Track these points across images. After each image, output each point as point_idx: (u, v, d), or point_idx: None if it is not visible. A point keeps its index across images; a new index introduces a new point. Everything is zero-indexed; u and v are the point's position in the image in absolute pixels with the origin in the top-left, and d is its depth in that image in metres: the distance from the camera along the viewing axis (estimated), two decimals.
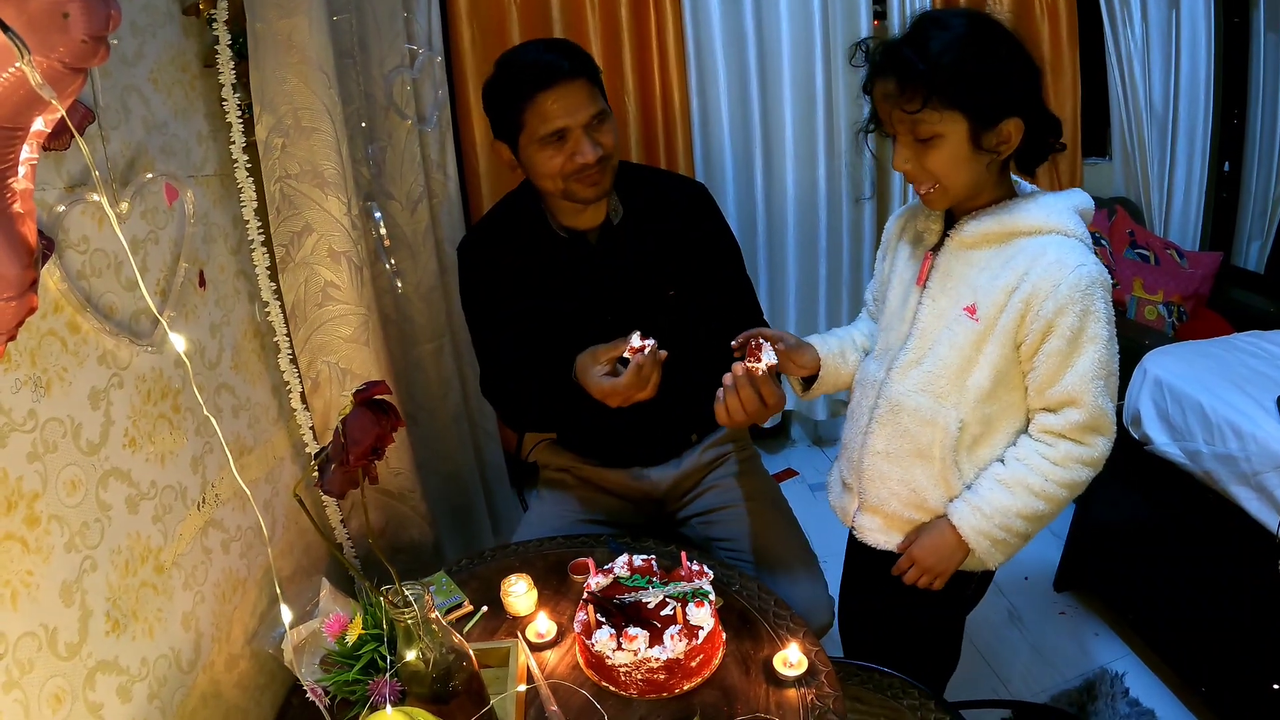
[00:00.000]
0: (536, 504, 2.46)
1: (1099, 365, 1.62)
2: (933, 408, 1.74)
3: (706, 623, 1.63)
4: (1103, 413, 1.65)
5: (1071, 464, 1.68)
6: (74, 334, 1.35)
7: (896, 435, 1.82)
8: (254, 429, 1.94)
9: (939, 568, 1.82)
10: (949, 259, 1.74)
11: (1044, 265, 1.60)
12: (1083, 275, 1.57)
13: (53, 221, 1.31)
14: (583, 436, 2.39)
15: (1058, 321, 1.59)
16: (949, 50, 1.54)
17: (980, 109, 1.56)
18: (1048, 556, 3.21)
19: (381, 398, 1.33)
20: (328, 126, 2.02)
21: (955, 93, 1.54)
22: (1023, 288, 1.61)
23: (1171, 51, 3.98)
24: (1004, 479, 1.72)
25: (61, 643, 1.25)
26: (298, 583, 2.07)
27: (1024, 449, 1.72)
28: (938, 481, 1.78)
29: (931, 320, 1.76)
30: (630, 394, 1.82)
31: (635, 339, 1.82)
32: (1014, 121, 1.58)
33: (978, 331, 1.68)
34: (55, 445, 1.28)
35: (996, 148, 1.60)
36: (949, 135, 1.59)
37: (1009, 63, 1.56)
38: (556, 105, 1.88)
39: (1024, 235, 1.65)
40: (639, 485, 2.36)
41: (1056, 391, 1.65)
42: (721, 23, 3.38)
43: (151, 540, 1.50)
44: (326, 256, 2.08)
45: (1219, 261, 3.90)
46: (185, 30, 1.80)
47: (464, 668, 1.45)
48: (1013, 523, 1.71)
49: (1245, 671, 2.33)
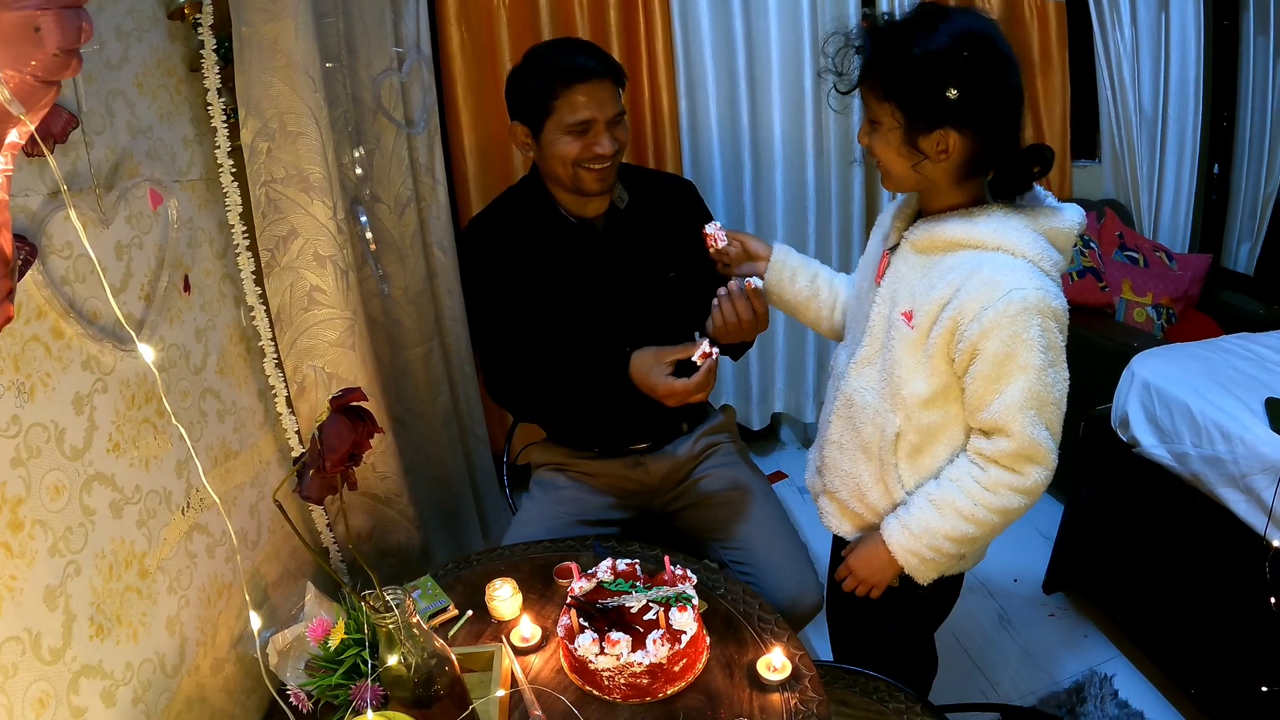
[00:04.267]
0: (527, 503, 2.47)
1: (1028, 396, 1.57)
2: (877, 407, 1.76)
3: (689, 627, 1.63)
4: (1035, 443, 1.60)
5: (1003, 490, 1.65)
6: (57, 339, 1.34)
7: (848, 429, 1.85)
8: (239, 433, 1.94)
9: (872, 580, 1.85)
10: (900, 260, 1.74)
11: (975, 284, 1.56)
12: (1015, 299, 1.52)
13: (35, 227, 1.31)
14: (578, 429, 2.43)
15: (982, 345, 1.56)
16: (909, 44, 1.53)
17: (914, 110, 1.55)
18: (1037, 559, 3.23)
19: (358, 404, 1.33)
20: (313, 131, 2.01)
21: (891, 85, 1.56)
22: (953, 304, 1.58)
23: (1161, 54, 4.00)
24: (935, 499, 1.71)
25: (45, 647, 1.25)
26: (284, 587, 2.07)
27: (958, 469, 1.70)
28: (878, 480, 1.80)
29: (878, 321, 1.76)
30: (694, 396, 1.95)
31: (705, 345, 1.90)
32: (952, 135, 1.54)
33: (913, 339, 1.67)
34: (39, 450, 1.28)
35: (936, 155, 1.58)
36: (884, 124, 1.60)
37: (967, 76, 1.50)
38: (587, 99, 2.03)
39: (966, 248, 1.61)
40: (633, 475, 2.41)
41: (986, 416, 1.62)
42: (710, 26, 3.37)
43: (136, 545, 1.49)
44: (312, 261, 2.08)
45: (1208, 263, 3.91)
46: (171, 35, 1.79)
47: (446, 672, 1.46)
48: (940, 544, 1.71)
49: (1234, 673, 2.34)
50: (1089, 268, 3.63)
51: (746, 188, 3.65)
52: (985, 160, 1.61)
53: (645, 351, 2.03)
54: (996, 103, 1.55)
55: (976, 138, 1.56)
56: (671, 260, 2.25)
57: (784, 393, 4.13)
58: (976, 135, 1.56)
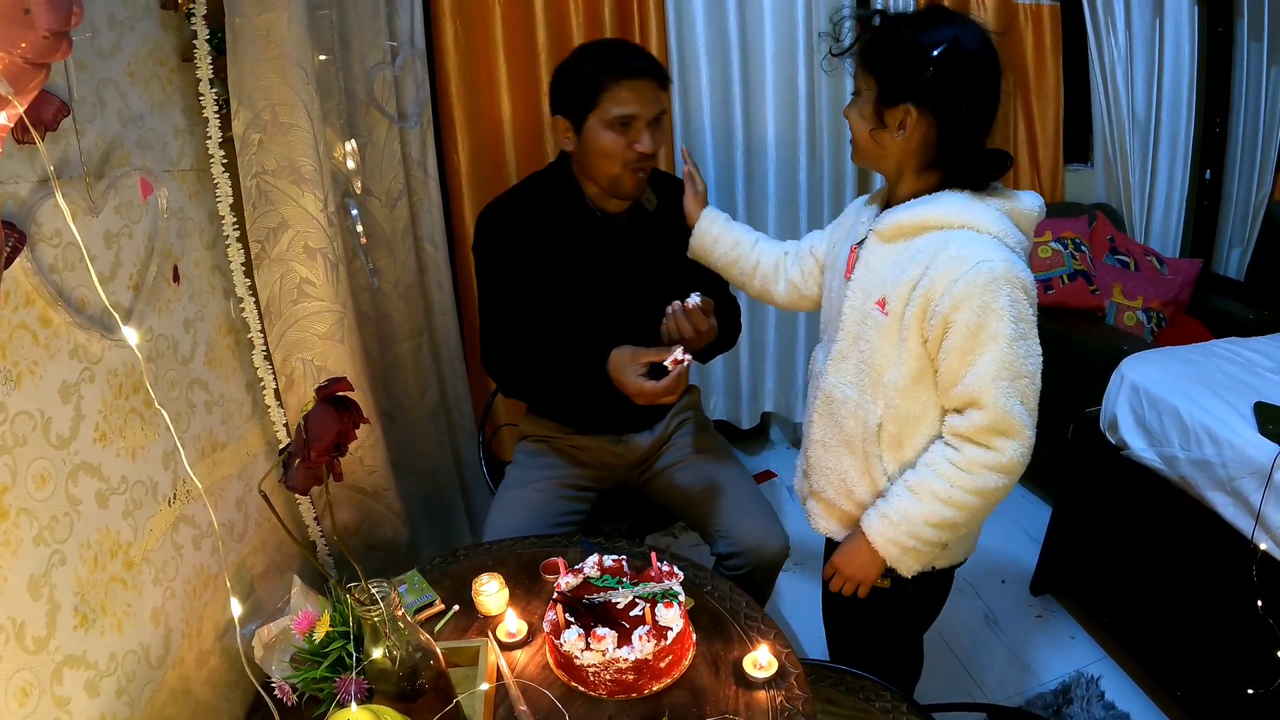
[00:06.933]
0: (512, 470, 2.52)
1: (1001, 365, 1.58)
2: (858, 400, 1.78)
3: (675, 624, 1.63)
4: (1008, 415, 1.60)
5: (978, 469, 1.65)
6: (45, 327, 1.34)
7: (830, 426, 1.87)
8: (227, 425, 1.93)
9: (858, 575, 1.86)
10: (869, 252, 1.77)
11: (944, 259, 1.59)
12: (983, 270, 1.55)
13: (25, 214, 1.31)
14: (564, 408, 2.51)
15: (954, 317, 1.58)
16: (905, 27, 1.62)
17: (886, 80, 1.62)
18: (1025, 560, 3.24)
19: (343, 394, 1.33)
20: (305, 123, 2.01)
21: (875, 57, 1.64)
22: (923, 282, 1.61)
23: (1155, 59, 4.01)
24: (912, 485, 1.72)
25: (29, 636, 1.25)
26: (270, 580, 2.06)
27: (933, 454, 1.72)
28: (863, 474, 1.82)
29: (852, 314, 1.78)
30: (661, 398, 2.02)
31: (678, 352, 1.97)
32: (913, 112, 1.60)
33: (888, 326, 1.69)
34: (25, 439, 1.27)
35: (895, 128, 1.63)
36: (863, 94, 1.67)
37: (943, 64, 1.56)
38: (632, 94, 2.08)
39: (933, 229, 1.64)
40: (616, 450, 2.51)
41: (959, 391, 1.63)
42: (705, 24, 3.37)
43: (121, 535, 1.49)
44: (302, 253, 2.08)
45: (1198, 268, 3.91)
46: (164, 24, 1.79)
47: (431, 666, 1.45)
48: (921, 530, 1.71)
49: (1220, 675, 2.35)
50: (1080, 271, 3.64)
51: (739, 186, 3.65)
52: (944, 151, 1.66)
53: (623, 350, 2.09)
54: (965, 95, 1.60)
55: (937, 123, 1.62)
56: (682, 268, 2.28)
57: (773, 392, 4.13)
58: (937, 120, 1.61)
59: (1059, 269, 3.64)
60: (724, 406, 4.12)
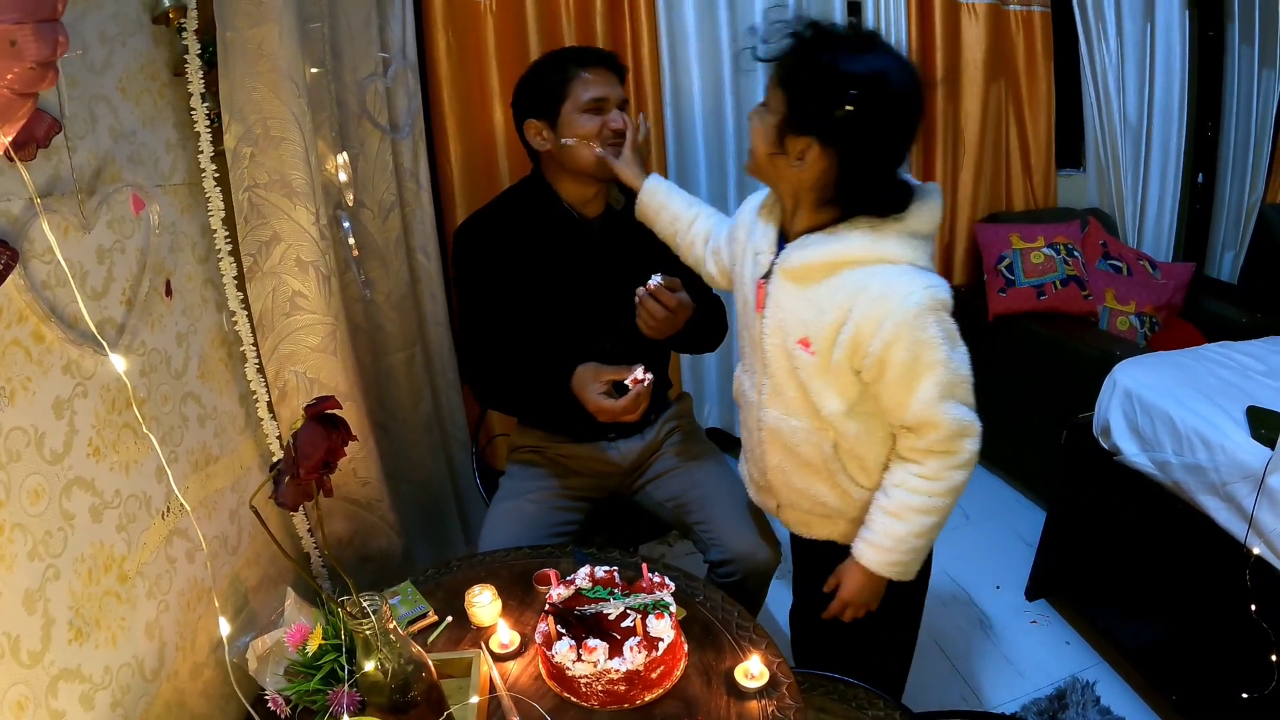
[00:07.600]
0: (506, 482, 2.54)
1: (943, 387, 1.61)
2: (806, 429, 1.80)
3: (666, 634, 1.63)
4: (959, 422, 1.65)
5: (945, 473, 1.70)
6: (38, 343, 1.35)
7: (785, 453, 1.89)
8: (220, 438, 1.94)
9: (867, 601, 1.88)
10: (778, 289, 1.75)
11: (866, 301, 1.59)
12: (909, 306, 1.55)
13: (17, 231, 1.31)
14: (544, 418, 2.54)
15: (888, 356, 1.59)
16: (829, 51, 1.54)
17: (796, 107, 1.57)
18: (1019, 566, 3.23)
19: (332, 412, 1.33)
20: (297, 136, 2.02)
21: (792, 76, 1.59)
22: (849, 325, 1.62)
23: (1146, 63, 4.02)
24: (891, 510, 1.76)
25: (24, 650, 1.25)
26: (264, 592, 2.07)
27: (899, 474, 1.75)
28: (833, 487, 1.85)
29: (774, 351, 1.79)
30: (621, 417, 2.10)
31: (639, 371, 2.05)
32: (815, 148, 1.57)
33: (816, 364, 1.71)
34: (18, 454, 1.28)
35: (793, 158, 1.60)
36: (770, 109, 1.63)
37: (858, 109, 1.51)
38: (596, 78, 2.21)
39: (846, 266, 1.63)
40: (607, 458, 2.51)
41: (909, 418, 1.66)
42: (696, 32, 3.38)
43: (115, 549, 1.50)
44: (294, 266, 2.08)
45: (1191, 272, 3.92)
46: (155, 39, 1.79)
47: (423, 678, 1.46)
48: (912, 543, 1.77)
49: (1215, 679, 2.35)
50: (1073, 276, 3.64)
51: (731, 189, 3.66)
52: (841, 192, 1.63)
53: (587, 367, 2.18)
54: (871, 148, 1.56)
55: (837, 165, 1.58)
56: (658, 264, 2.26)
57: None
58: (838, 163, 1.58)
59: (1051, 275, 3.64)
60: (717, 414, 4.12)
